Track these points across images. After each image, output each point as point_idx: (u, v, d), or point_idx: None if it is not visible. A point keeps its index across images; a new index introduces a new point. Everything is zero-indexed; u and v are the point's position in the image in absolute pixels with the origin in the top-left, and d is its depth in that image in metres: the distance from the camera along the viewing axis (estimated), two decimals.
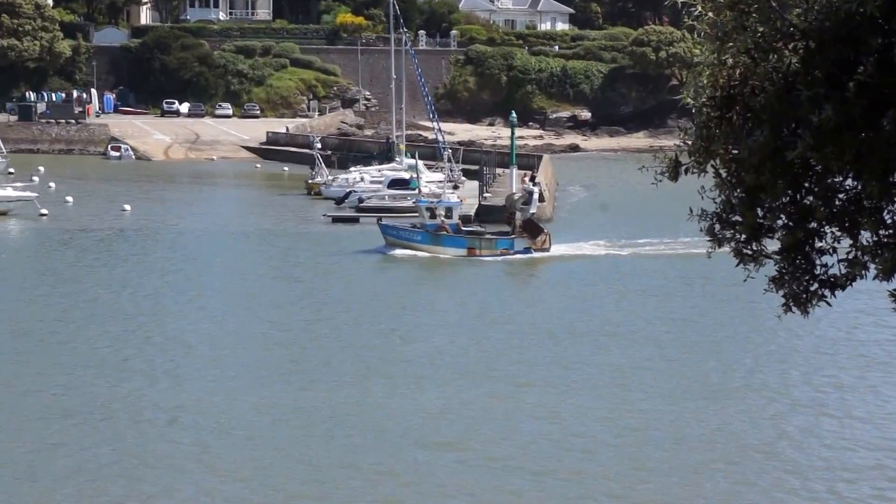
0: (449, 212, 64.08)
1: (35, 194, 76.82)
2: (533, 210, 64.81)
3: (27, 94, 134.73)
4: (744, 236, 10.39)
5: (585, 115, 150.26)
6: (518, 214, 63.78)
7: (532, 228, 63.25)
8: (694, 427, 33.58)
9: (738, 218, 10.33)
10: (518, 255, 61.89)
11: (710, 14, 10.02)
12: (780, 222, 10.22)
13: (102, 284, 54.35)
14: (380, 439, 31.94)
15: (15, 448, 31.07)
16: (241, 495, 28.17)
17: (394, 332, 45.22)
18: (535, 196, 65.67)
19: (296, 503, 28.17)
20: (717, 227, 10.44)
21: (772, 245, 10.44)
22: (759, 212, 10.23)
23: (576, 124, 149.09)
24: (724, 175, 10.29)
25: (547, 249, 62.51)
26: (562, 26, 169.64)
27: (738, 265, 10.51)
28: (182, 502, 28.04)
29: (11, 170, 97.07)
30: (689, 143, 10.45)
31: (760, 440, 32.75)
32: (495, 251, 62.50)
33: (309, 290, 54.16)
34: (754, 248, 10.41)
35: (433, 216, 63.15)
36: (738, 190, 10.20)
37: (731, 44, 9.88)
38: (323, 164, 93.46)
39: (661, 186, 11.14)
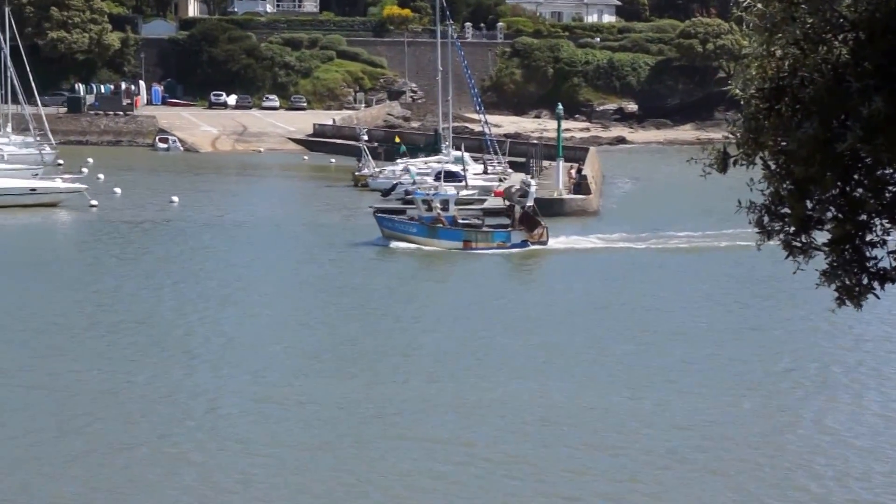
0: (445, 204, 63.07)
1: (84, 186, 77.30)
2: (530, 203, 63.62)
3: (76, 86, 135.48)
4: (793, 228, 10.33)
5: (632, 107, 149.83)
6: (516, 208, 63.28)
7: (529, 221, 62.44)
8: None
9: (786, 210, 10.27)
10: (515, 249, 61.17)
11: (760, 5, 9.95)
12: (829, 214, 10.16)
13: (151, 274, 54.63)
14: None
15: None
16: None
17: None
18: (532, 189, 64.66)
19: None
20: (766, 219, 10.38)
21: (821, 237, 10.37)
22: (809, 204, 10.17)
23: (622, 117, 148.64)
24: (772, 167, 10.24)
25: (545, 242, 61.87)
26: (608, 18, 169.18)
27: (787, 257, 10.45)
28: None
29: (61, 161, 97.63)
30: (738, 134, 10.39)
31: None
32: (492, 244, 61.54)
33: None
34: (803, 240, 10.35)
35: (430, 208, 62.14)
36: (787, 182, 10.14)
37: (780, 35, 9.81)
38: (369, 156, 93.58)
39: (709, 179, 11.08)
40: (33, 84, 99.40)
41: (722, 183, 12.37)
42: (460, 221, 62.98)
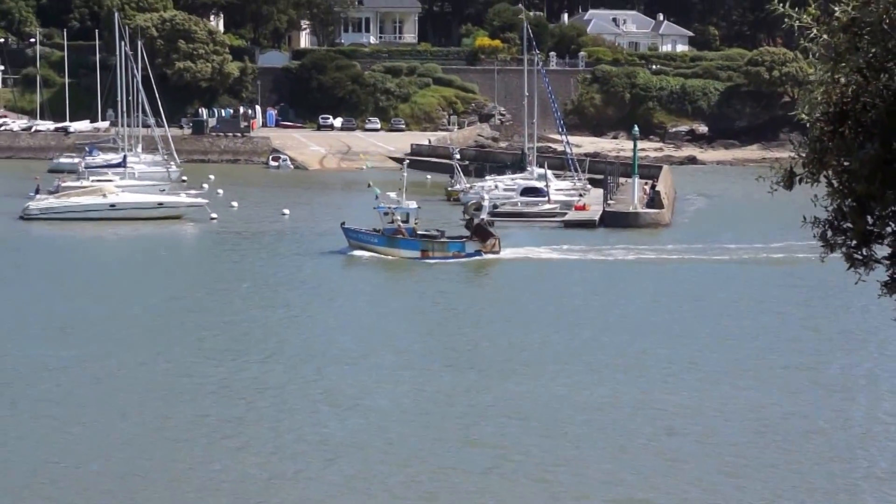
0: (406, 217, 62.10)
1: (205, 200, 78.05)
2: (483, 216, 62.82)
3: (199, 110, 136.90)
4: (854, 242, 10.19)
5: (703, 129, 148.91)
6: (474, 220, 62.64)
7: (482, 233, 61.62)
8: None
9: (849, 225, 10.13)
10: (469, 258, 60.42)
11: (825, 36, 9.84)
12: (889, 229, 10.02)
13: (269, 280, 55.10)
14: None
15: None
16: None
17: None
18: (486, 203, 63.82)
19: None
20: (829, 233, 10.26)
21: (881, 251, 10.24)
22: (869, 219, 10.03)
23: (693, 138, 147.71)
24: (836, 185, 10.10)
25: (497, 252, 61.05)
26: (681, 48, 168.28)
27: (848, 269, 10.32)
28: None
29: (185, 178, 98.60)
30: (804, 155, 10.28)
31: None
32: (447, 253, 60.97)
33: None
34: (864, 253, 10.20)
35: (392, 221, 61.49)
36: (850, 199, 10.00)
37: (844, 64, 9.70)
38: (461, 173, 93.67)
39: (775, 195, 10.96)
40: (161, 109, 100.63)
41: (787, 199, 12.19)
42: (419, 233, 62.13)
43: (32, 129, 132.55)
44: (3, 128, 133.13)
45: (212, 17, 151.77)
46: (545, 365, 38.78)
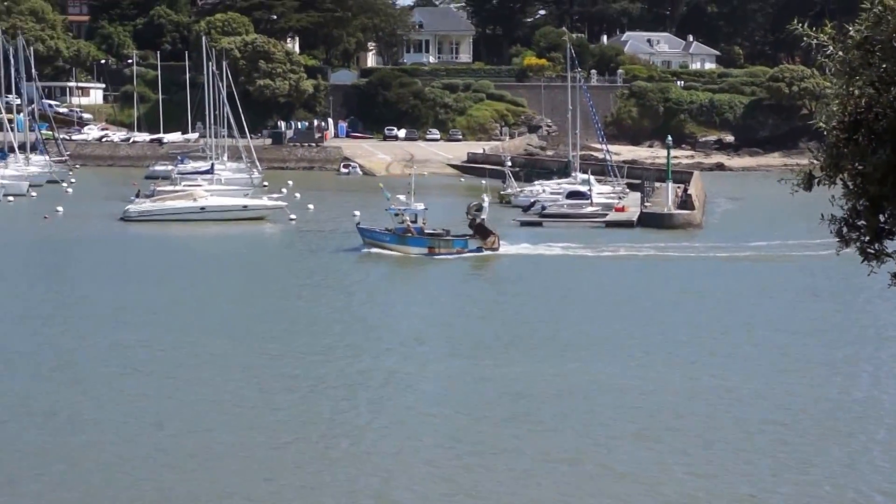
0: (414, 217, 61.90)
1: (284, 203, 78.40)
2: (483, 216, 62.20)
3: (278, 123, 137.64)
4: (868, 238, 10.22)
5: (729, 138, 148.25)
6: (476, 220, 61.89)
7: (482, 231, 61.26)
8: None
9: (862, 222, 10.16)
10: (471, 254, 60.10)
11: (840, 53, 9.88)
12: None
13: (344, 270, 55.43)
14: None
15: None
16: None
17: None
18: (486, 205, 63.30)
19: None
20: (845, 229, 10.31)
21: (892, 245, 10.28)
22: (881, 217, 10.06)
23: (721, 146, 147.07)
24: (851, 186, 10.14)
25: (496, 249, 60.69)
26: (710, 66, 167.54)
27: (862, 262, 10.37)
28: None
29: (266, 184, 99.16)
30: (821, 160, 10.33)
31: None
32: (452, 250, 60.60)
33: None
34: (877, 247, 10.24)
35: (402, 221, 61.39)
36: (864, 199, 10.04)
37: (858, 78, 9.75)
38: (512, 178, 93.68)
39: (795, 196, 11.02)
40: (244, 122, 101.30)
41: (806, 200, 12.22)
42: (426, 232, 61.85)
43: (130, 141, 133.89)
44: (105, 139, 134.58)
45: (289, 40, 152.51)
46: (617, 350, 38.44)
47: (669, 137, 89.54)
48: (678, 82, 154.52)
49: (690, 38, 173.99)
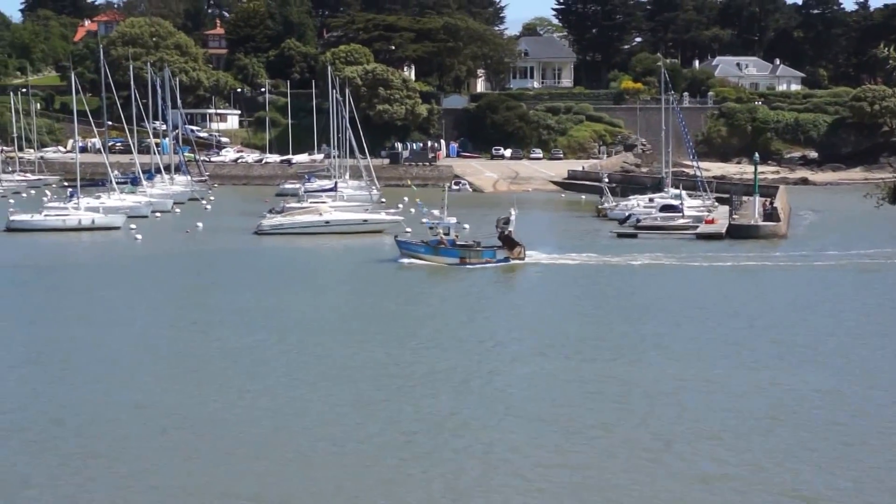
0: (447, 230, 61.38)
1: (401, 217, 78.70)
2: (511, 229, 61.12)
3: (395, 144, 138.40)
4: None
5: (813, 154, 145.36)
6: (505, 232, 60.99)
7: (510, 243, 60.34)
8: None
9: None
10: (500, 263, 59.09)
11: None
12: None
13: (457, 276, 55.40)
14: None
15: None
16: None
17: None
18: (513, 218, 61.73)
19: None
20: None
21: None
22: None
23: (805, 162, 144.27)
24: None
25: (522, 259, 59.71)
26: (795, 87, 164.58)
27: None
28: None
29: (383, 199, 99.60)
30: None
31: None
32: (482, 260, 59.55)
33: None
34: None
35: (435, 234, 60.88)
36: None
37: None
38: (609, 193, 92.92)
39: (880, 210, 10.60)
40: (364, 143, 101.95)
41: (890, 213, 11.78)
42: (458, 243, 61.14)
43: (263, 162, 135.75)
44: (240, 160, 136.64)
45: (405, 68, 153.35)
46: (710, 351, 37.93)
47: (756, 154, 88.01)
48: (765, 103, 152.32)
49: (777, 61, 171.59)
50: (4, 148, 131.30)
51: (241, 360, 36.83)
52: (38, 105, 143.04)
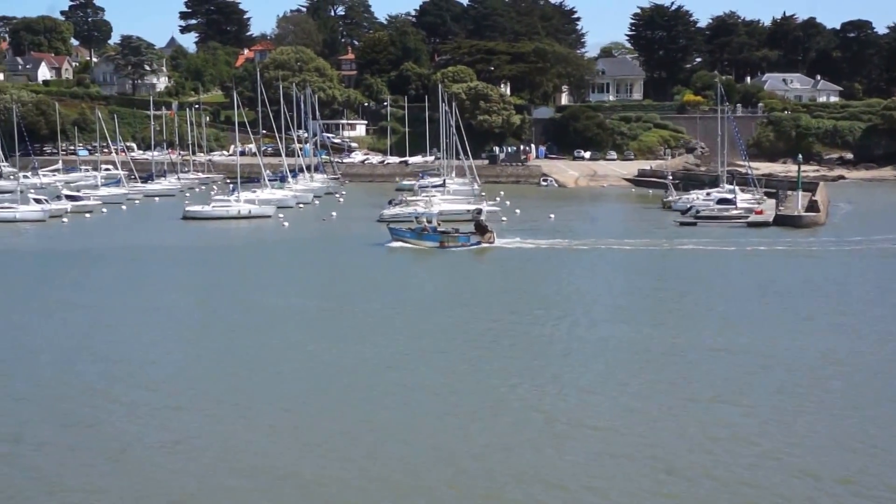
0: (430, 220, 62.03)
1: (498, 208, 78.83)
2: (483, 217, 61.71)
3: (493, 148, 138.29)
4: None
5: (849, 156, 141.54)
6: (478, 220, 61.53)
7: (481, 229, 60.09)
8: None
9: None
10: (473, 247, 58.47)
11: None
12: None
13: (553, 257, 55.27)
14: None
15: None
16: None
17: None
18: (485, 209, 62.43)
19: None
20: None
21: None
22: None
23: (842, 162, 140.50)
24: None
25: (492, 243, 59.15)
26: (833, 99, 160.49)
27: None
28: None
29: (483, 193, 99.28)
30: None
31: None
32: (458, 243, 58.91)
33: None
34: None
35: (419, 222, 61.36)
36: None
37: None
38: (673, 189, 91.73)
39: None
40: (468, 147, 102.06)
41: None
42: (439, 230, 60.55)
43: (384, 162, 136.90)
44: (366, 162, 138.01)
45: (502, 85, 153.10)
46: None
47: (800, 155, 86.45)
48: (808, 112, 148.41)
49: (818, 77, 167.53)
50: (182, 152, 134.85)
51: (366, 317, 37.35)
52: (208, 118, 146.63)
